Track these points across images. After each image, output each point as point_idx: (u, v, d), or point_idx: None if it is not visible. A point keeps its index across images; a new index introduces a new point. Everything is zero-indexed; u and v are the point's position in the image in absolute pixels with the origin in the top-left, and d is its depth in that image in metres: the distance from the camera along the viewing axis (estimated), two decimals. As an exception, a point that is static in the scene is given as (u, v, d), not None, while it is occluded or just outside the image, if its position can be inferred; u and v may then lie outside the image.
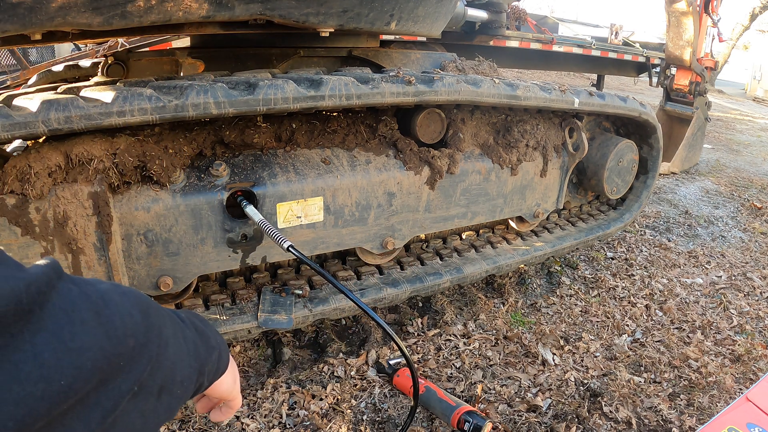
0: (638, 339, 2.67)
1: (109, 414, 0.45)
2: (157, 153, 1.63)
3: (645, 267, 3.48)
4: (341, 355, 2.35)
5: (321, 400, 2.06)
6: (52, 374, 0.39)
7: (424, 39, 3.47)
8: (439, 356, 2.39)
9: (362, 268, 2.31)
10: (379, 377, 2.23)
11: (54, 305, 0.42)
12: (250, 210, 1.72)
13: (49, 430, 0.40)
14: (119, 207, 1.60)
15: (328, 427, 1.94)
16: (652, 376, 2.37)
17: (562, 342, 2.55)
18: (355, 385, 2.17)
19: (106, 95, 1.45)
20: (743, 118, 11.66)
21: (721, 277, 3.46)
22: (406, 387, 2.13)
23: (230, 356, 0.73)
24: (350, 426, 1.95)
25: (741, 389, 2.29)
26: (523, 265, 3.13)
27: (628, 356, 2.49)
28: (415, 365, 2.30)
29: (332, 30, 1.95)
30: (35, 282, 0.41)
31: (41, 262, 0.44)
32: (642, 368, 2.42)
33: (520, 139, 2.41)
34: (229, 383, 0.73)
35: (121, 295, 0.49)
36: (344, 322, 2.60)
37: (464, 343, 2.48)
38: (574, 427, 1.99)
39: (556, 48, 6.35)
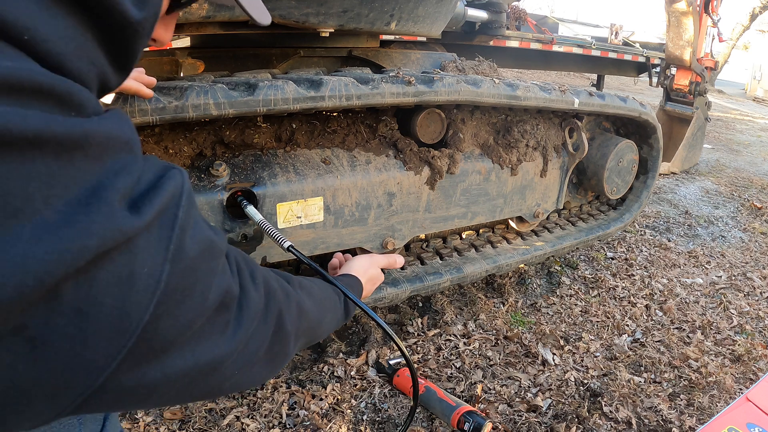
0: (638, 339, 2.67)
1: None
2: (157, 153, 1.63)
3: (645, 267, 3.48)
4: (341, 355, 2.35)
5: (321, 400, 2.07)
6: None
7: (424, 39, 3.47)
8: (439, 356, 2.39)
9: (362, 268, 2.31)
10: (379, 377, 2.23)
11: (242, 306, 0.60)
12: (251, 210, 1.72)
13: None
14: (119, 207, 1.60)
15: (328, 427, 1.94)
16: (652, 376, 2.37)
17: (562, 342, 2.55)
18: (355, 385, 2.17)
19: (106, 96, 1.44)
20: (743, 118, 11.66)
21: (721, 277, 3.46)
22: (406, 387, 2.13)
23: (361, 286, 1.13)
24: (350, 426, 1.96)
25: (741, 389, 2.29)
26: (523, 265, 3.14)
27: (628, 356, 2.49)
28: (415, 365, 2.30)
29: (332, 30, 1.95)
30: (232, 291, 0.57)
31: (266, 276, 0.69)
32: (642, 368, 2.42)
33: (520, 139, 2.41)
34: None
35: (286, 296, 0.73)
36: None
37: (464, 343, 2.48)
38: (574, 427, 1.99)
39: (556, 48, 6.34)
